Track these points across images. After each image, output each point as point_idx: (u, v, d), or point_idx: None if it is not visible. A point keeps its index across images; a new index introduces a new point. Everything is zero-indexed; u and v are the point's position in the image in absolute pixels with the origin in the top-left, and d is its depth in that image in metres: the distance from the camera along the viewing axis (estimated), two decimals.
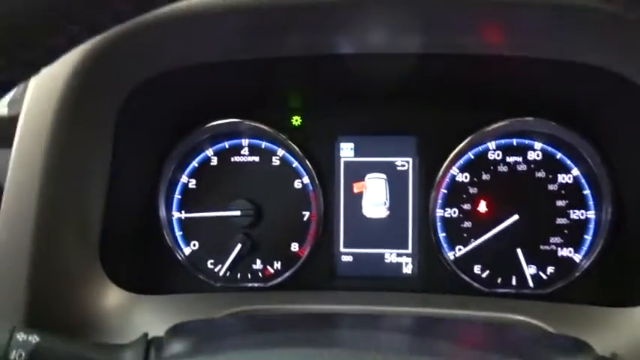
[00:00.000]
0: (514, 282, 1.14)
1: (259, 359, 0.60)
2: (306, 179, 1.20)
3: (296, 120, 1.20)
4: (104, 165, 0.99)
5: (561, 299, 1.08)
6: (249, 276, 1.21)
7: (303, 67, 1.05)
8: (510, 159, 1.16)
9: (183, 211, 1.22)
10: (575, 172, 1.14)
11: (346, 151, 1.21)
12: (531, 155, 1.15)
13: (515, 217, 1.13)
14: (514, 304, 1.05)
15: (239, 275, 1.21)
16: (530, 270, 1.13)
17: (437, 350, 0.68)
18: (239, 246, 1.19)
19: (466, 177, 1.17)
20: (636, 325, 0.94)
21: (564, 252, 1.13)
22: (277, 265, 1.21)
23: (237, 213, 1.19)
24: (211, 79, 1.07)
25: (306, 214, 1.20)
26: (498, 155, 1.16)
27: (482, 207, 1.16)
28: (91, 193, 0.99)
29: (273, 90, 1.16)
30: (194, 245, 1.22)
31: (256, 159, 1.21)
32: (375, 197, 1.19)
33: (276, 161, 1.21)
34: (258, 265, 1.21)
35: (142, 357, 0.79)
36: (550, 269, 1.13)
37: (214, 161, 1.22)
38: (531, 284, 1.13)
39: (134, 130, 1.02)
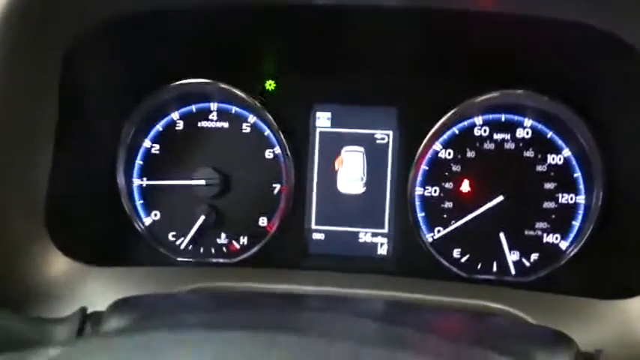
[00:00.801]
0: (495, 268, 1.07)
1: (200, 342, 0.52)
2: (277, 149, 1.11)
3: (270, 84, 1.11)
4: (49, 123, 0.89)
5: (544, 288, 1.00)
6: (213, 251, 1.13)
7: (277, 20, 0.95)
8: (498, 136, 1.08)
9: (144, 178, 1.13)
10: (567, 152, 1.06)
11: (322, 120, 1.12)
12: (520, 133, 1.07)
13: (500, 198, 1.05)
14: (494, 291, 0.98)
15: (202, 250, 1.13)
16: (512, 256, 1.06)
17: (404, 340, 0.60)
18: (202, 218, 1.10)
19: (449, 153, 1.08)
20: (623, 318, 0.87)
21: (550, 238, 1.06)
22: (244, 240, 1.12)
23: (202, 182, 1.10)
24: (173, 30, 0.97)
25: (277, 186, 1.12)
26: (485, 131, 1.08)
27: (465, 186, 1.08)
28: (36, 154, 0.90)
29: (245, 49, 1.07)
30: (155, 215, 1.13)
31: (225, 125, 1.12)
32: (351, 172, 1.11)
33: (246, 128, 1.12)
34: (223, 239, 1.13)
35: (76, 332, 0.72)
36: (534, 256, 1.06)
37: (180, 125, 1.13)
38: (513, 271, 1.06)
39: (84, 84, 0.93)
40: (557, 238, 1.06)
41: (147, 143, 1.13)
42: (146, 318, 0.68)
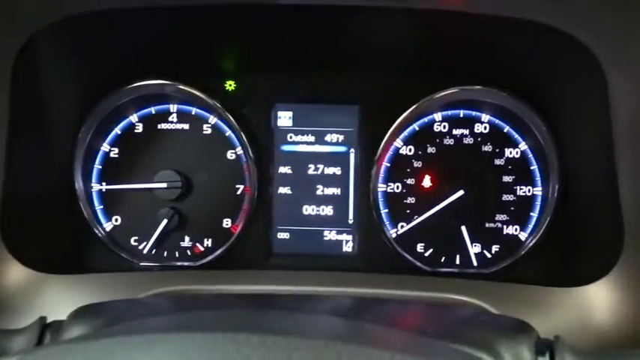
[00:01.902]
0: (458, 261, 1.09)
1: (161, 344, 0.51)
2: (239, 150, 1.10)
3: (230, 85, 1.10)
4: (0, 125, 0.86)
5: (505, 279, 1.03)
6: (177, 254, 1.11)
7: (237, 19, 0.95)
8: (457, 131, 1.10)
9: (104, 183, 1.11)
10: (523, 146, 1.09)
11: (284, 120, 1.12)
12: (478, 128, 1.10)
13: (461, 192, 1.07)
14: (457, 283, 1.00)
15: (165, 253, 1.12)
16: (474, 249, 1.08)
17: (369, 335, 0.61)
18: (165, 221, 1.09)
19: (410, 150, 1.10)
20: (580, 305, 0.91)
21: (510, 230, 1.09)
22: (208, 242, 1.11)
23: (164, 185, 1.09)
24: (129, 30, 0.95)
25: (240, 187, 1.11)
26: (444, 127, 1.10)
27: (427, 182, 1.09)
28: None
29: (204, 49, 1.06)
30: (116, 220, 1.11)
31: (186, 126, 1.11)
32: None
33: (207, 129, 1.11)
34: (186, 242, 1.11)
35: (35, 342, 0.70)
36: (495, 248, 1.09)
37: (139, 128, 1.11)
38: (475, 263, 1.08)
39: (37, 85, 0.90)
40: (516, 230, 1.09)
41: (105, 147, 1.11)
42: (108, 324, 0.67)
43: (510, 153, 1.09)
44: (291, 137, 1.12)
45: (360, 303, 0.87)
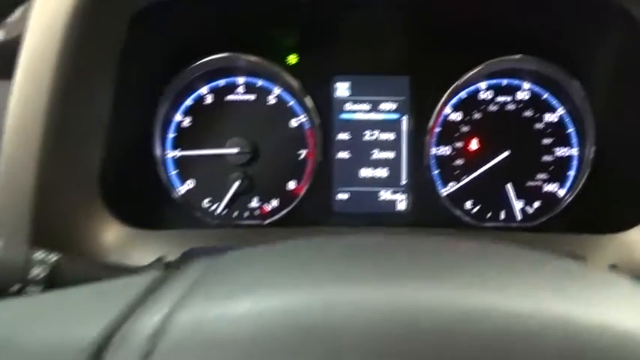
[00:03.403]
0: (502, 216, 1.20)
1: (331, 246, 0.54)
2: (302, 118, 1.21)
3: (292, 58, 1.20)
4: (107, 96, 0.96)
5: (546, 230, 1.14)
6: (246, 214, 1.22)
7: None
8: (500, 99, 1.20)
9: (178, 150, 1.21)
10: (561, 110, 1.19)
11: (342, 90, 1.22)
12: (520, 95, 1.20)
13: (505, 154, 1.18)
14: (503, 235, 1.11)
15: (235, 214, 1.22)
16: (518, 204, 1.19)
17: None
18: (236, 184, 1.19)
19: (459, 116, 1.20)
20: (621, 250, 1.01)
21: (549, 187, 1.20)
22: (274, 203, 1.22)
23: (235, 150, 1.19)
24: (202, 7, 1.05)
25: (303, 152, 1.21)
26: (489, 95, 1.20)
27: (474, 145, 1.20)
28: (93, 128, 0.97)
29: (269, 25, 1.16)
30: (189, 184, 1.21)
31: (252, 97, 1.21)
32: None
33: (272, 100, 1.21)
34: (254, 203, 1.22)
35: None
36: (536, 204, 1.20)
37: (209, 99, 1.21)
38: (519, 217, 1.19)
39: (133, 64, 0.99)
40: (555, 187, 1.20)
41: (178, 117, 1.20)
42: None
43: (549, 117, 1.20)
44: (348, 106, 1.22)
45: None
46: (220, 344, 0.38)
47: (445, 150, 1.21)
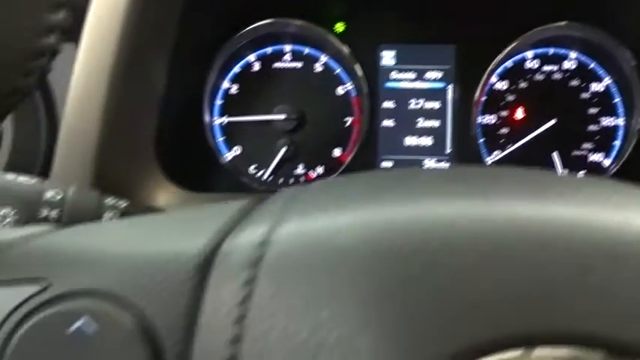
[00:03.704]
0: None
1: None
2: (348, 85, 1.22)
3: (340, 26, 1.21)
4: (163, 65, 0.99)
5: None
6: (291, 181, 1.24)
7: None
8: (547, 68, 1.20)
9: (225, 116, 1.23)
10: (608, 80, 1.19)
11: (388, 59, 1.23)
12: (566, 65, 1.20)
13: (551, 123, 1.19)
14: None
15: (281, 180, 1.24)
16: (564, 173, 1.19)
17: None
18: (283, 150, 1.21)
19: (504, 85, 1.21)
20: None
21: (595, 157, 1.20)
22: (319, 170, 1.23)
23: (282, 117, 1.20)
24: None
25: (349, 120, 1.23)
26: (535, 64, 1.21)
27: (519, 114, 1.21)
28: (150, 96, 1.00)
29: None
30: (236, 150, 1.23)
31: (299, 65, 1.22)
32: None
33: (318, 67, 1.23)
34: (300, 170, 1.23)
35: None
36: (581, 173, 1.20)
37: (256, 67, 1.23)
38: None
39: (187, 33, 1.01)
40: (601, 157, 1.20)
41: (226, 84, 1.22)
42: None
43: (595, 87, 1.20)
44: (394, 75, 1.23)
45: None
46: (328, 252, 0.39)
47: (490, 119, 1.21)
